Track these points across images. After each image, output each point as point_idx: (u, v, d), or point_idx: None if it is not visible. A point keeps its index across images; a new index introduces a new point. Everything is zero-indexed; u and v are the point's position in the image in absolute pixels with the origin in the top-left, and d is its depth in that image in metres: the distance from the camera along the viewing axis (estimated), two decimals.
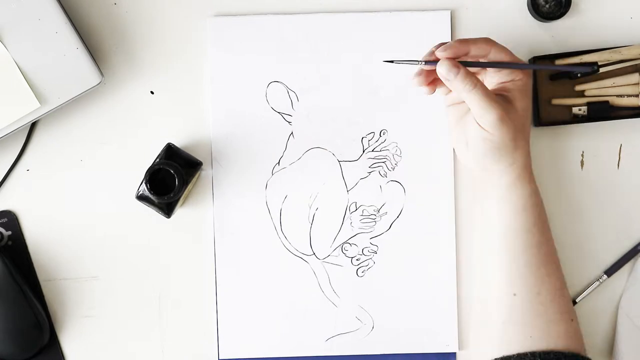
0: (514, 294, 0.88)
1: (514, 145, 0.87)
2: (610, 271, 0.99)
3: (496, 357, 0.87)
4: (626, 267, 0.99)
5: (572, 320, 0.88)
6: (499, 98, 0.87)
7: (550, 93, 0.98)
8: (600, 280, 0.98)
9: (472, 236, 0.97)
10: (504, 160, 0.88)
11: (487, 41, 0.88)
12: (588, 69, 0.91)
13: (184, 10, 0.98)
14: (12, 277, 0.95)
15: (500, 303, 0.89)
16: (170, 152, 0.93)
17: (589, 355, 0.88)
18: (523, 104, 0.88)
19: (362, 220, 0.99)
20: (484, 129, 0.86)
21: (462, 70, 0.85)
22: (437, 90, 0.89)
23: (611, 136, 0.99)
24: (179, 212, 0.97)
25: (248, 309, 0.98)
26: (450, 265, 0.98)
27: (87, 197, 0.98)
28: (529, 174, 0.89)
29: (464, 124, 0.89)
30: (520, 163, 0.88)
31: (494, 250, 0.89)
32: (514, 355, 0.86)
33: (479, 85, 0.85)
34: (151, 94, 0.99)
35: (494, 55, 0.88)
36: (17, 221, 0.98)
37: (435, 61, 0.86)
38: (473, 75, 0.85)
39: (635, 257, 0.99)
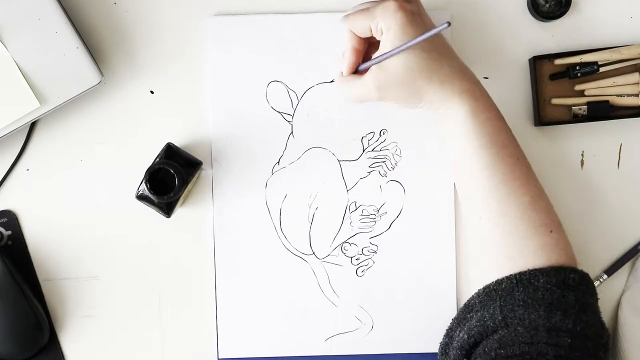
0: (480, 218, 0.87)
1: (414, 95, 0.87)
2: (611, 271, 0.99)
3: (479, 288, 0.87)
4: (626, 267, 0.99)
5: (550, 231, 0.86)
6: (369, 74, 0.88)
7: (550, 93, 0.98)
8: (601, 279, 0.98)
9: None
10: (423, 105, 0.88)
11: (344, 23, 0.90)
12: (445, 25, 0.82)
13: (184, 10, 0.98)
14: (12, 277, 0.95)
15: (472, 230, 0.89)
16: (170, 152, 0.93)
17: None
18: (393, 59, 0.86)
19: (362, 220, 0.99)
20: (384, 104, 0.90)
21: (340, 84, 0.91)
22: None
23: (611, 136, 0.99)
24: (179, 211, 0.97)
25: (248, 308, 0.98)
26: (450, 265, 0.98)
27: (87, 197, 0.98)
28: (460, 95, 0.86)
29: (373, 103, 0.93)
30: (438, 95, 0.86)
31: (457, 179, 0.90)
32: (492, 282, 0.85)
33: (345, 92, 0.91)
34: (151, 94, 0.99)
35: (358, 29, 0.89)
36: (17, 221, 0.98)
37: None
38: (339, 84, 0.91)
39: (636, 256, 0.99)
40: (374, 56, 0.89)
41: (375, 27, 0.87)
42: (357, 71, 0.91)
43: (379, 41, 0.88)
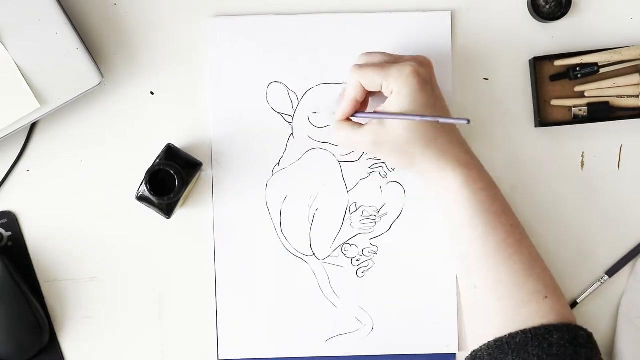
0: (474, 287, 0.88)
1: (407, 159, 0.89)
2: (611, 271, 0.99)
3: (484, 341, 0.87)
4: (627, 268, 0.99)
5: (545, 297, 0.86)
6: (369, 126, 0.90)
7: (551, 94, 0.98)
8: (601, 280, 0.98)
9: None
10: (413, 170, 0.91)
11: (352, 74, 0.91)
12: (464, 121, 0.85)
13: (184, 10, 0.98)
14: (12, 277, 0.95)
15: (465, 295, 0.90)
16: (171, 153, 0.93)
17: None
18: (395, 121, 0.88)
19: (362, 221, 0.99)
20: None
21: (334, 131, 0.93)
22: None
23: (611, 137, 0.99)
24: (179, 212, 0.97)
25: (248, 309, 0.98)
26: (450, 265, 0.98)
27: (87, 198, 0.98)
28: (456, 164, 0.88)
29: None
30: (429, 166, 0.89)
31: (451, 243, 0.92)
32: (505, 336, 0.86)
33: (339, 140, 0.94)
34: (151, 95, 0.99)
35: (368, 85, 0.90)
36: (17, 222, 0.98)
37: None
38: (335, 130, 0.93)
39: (636, 258, 0.99)
40: (379, 109, 0.90)
41: (386, 87, 0.88)
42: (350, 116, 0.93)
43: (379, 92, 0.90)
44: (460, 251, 0.90)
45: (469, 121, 0.82)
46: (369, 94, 0.93)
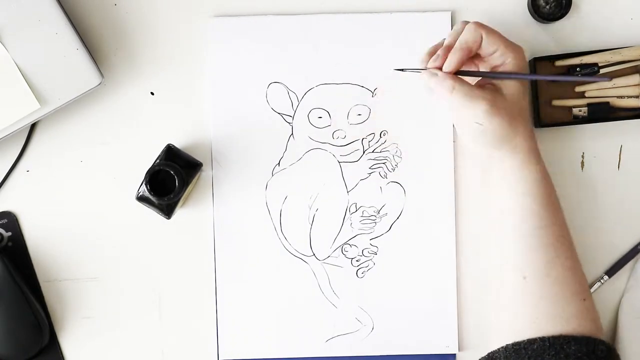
0: (524, 277, 0.88)
1: (512, 132, 0.88)
2: (611, 271, 0.99)
3: (507, 342, 0.87)
4: (627, 268, 0.99)
5: (584, 299, 0.87)
6: (486, 89, 0.88)
7: (551, 94, 0.98)
8: (602, 280, 0.98)
9: (484, 221, 0.98)
10: (505, 147, 0.89)
11: (477, 27, 0.88)
12: (595, 78, 0.89)
13: (184, 10, 0.98)
14: (12, 278, 0.95)
15: (512, 287, 0.89)
16: (171, 153, 0.93)
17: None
18: (513, 89, 0.88)
19: (362, 221, 0.99)
20: (477, 123, 0.87)
21: (439, 76, 0.88)
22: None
23: (611, 137, 0.99)
24: (179, 213, 0.97)
25: (248, 309, 0.98)
26: (450, 266, 0.98)
27: (87, 199, 0.98)
28: (534, 157, 0.89)
29: (462, 117, 0.90)
30: (523, 147, 0.88)
31: (504, 235, 0.90)
32: (524, 341, 0.85)
33: (457, 86, 0.87)
34: (151, 95, 0.99)
35: (487, 43, 0.88)
36: (17, 222, 0.98)
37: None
38: (451, 78, 0.88)
39: (636, 258, 0.99)
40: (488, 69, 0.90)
41: (500, 56, 0.88)
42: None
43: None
44: (515, 241, 0.89)
45: (610, 78, 0.87)
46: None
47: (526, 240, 0.88)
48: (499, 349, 0.87)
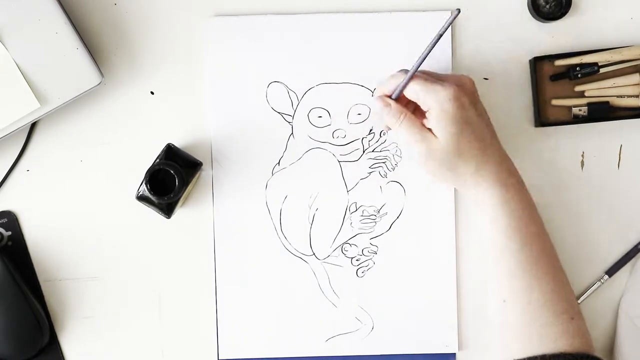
0: (504, 301, 0.89)
1: (451, 173, 0.89)
2: (611, 271, 0.99)
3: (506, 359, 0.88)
4: (627, 268, 0.99)
5: (572, 319, 0.87)
6: (425, 131, 0.89)
7: (551, 93, 0.98)
8: (602, 280, 0.98)
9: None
10: (452, 183, 0.92)
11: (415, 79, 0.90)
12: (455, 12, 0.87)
13: (184, 10, 0.98)
14: (12, 277, 0.95)
15: (494, 308, 0.90)
16: (170, 153, 0.93)
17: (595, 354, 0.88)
18: (445, 132, 0.88)
19: (362, 221, 0.99)
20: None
21: (392, 107, 0.90)
22: None
23: (611, 137, 0.99)
24: (179, 212, 0.97)
25: (248, 309, 0.98)
26: (450, 265, 0.98)
27: (87, 198, 0.98)
28: (491, 185, 0.89)
29: (405, 150, 0.95)
30: (472, 181, 0.89)
31: (486, 257, 0.91)
32: (524, 358, 0.86)
33: (404, 121, 0.89)
34: (151, 95, 0.99)
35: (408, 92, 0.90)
36: (17, 221, 0.98)
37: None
38: (401, 111, 0.90)
39: (636, 257, 0.99)
40: (425, 121, 0.90)
41: (424, 103, 0.89)
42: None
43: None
44: (493, 266, 0.90)
45: (459, 10, 0.86)
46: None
47: (503, 264, 0.89)
48: None
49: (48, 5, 0.93)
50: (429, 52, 0.88)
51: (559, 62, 0.97)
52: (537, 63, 0.97)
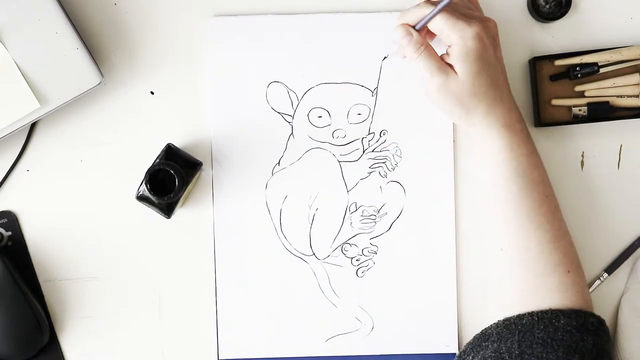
0: (501, 249, 0.89)
1: (464, 111, 0.89)
2: (611, 269, 0.99)
3: (498, 318, 0.88)
4: (627, 268, 0.99)
5: (568, 272, 0.87)
6: (444, 65, 0.89)
7: (550, 93, 0.98)
8: (601, 278, 0.98)
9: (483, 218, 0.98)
10: (460, 120, 0.90)
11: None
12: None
13: (184, 10, 0.98)
14: (12, 277, 0.95)
15: (492, 259, 0.91)
16: (170, 153, 0.93)
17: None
18: (464, 69, 0.88)
19: (362, 221, 0.99)
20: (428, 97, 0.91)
21: (414, 37, 0.89)
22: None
23: (611, 136, 0.99)
24: (179, 212, 0.97)
25: (248, 309, 0.98)
26: (450, 265, 0.98)
27: (87, 198, 0.98)
28: (497, 129, 0.89)
29: (421, 82, 0.92)
30: (482, 122, 0.89)
31: (485, 203, 0.91)
32: (513, 316, 0.86)
33: (424, 52, 0.89)
34: (151, 95, 0.99)
35: (434, 23, 0.89)
36: (17, 221, 0.98)
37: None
38: (421, 42, 0.89)
39: (636, 257, 0.99)
40: (444, 55, 0.90)
41: (446, 37, 0.88)
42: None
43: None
44: (493, 212, 0.90)
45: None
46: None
47: (502, 211, 0.88)
48: (491, 325, 0.88)
49: (48, 5, 0.93)
50: None
51: (559, 62, 0.97)
52: (537, 63, 0.97)
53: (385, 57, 0.95)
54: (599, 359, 0.84)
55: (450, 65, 0.88)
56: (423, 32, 0.90)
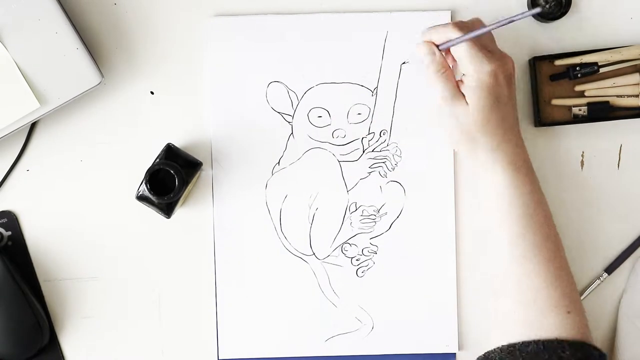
0: (501, 288, 0.89)
1: (470, 143, 0.89)
2: (611, 268, 0.99)
3: (502, 343, 0.87)
4: (627, 268, 0.99)
5: (568, 312, 0.87)
6: (459, 93, 0.89)
7: (550, 93, 0.98)
8: (601, 278, 0.98)
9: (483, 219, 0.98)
10: (466, 152, 0.91)
11: (478, 21, 0.91)
12: (537, 9, 0.88)
13: (184, 10, 0.98)
14: (12, 277, 0.95)
15: (494, 296, 0.90)
16: (170, 153, 0.93)
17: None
18: (475, 101, 0.88)
19: (362, 221, 0.99)
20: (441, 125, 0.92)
21: (437, 57, 0.89)
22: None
23: (611, 136, 0.99)
24: (179, 212, 0.97)
25: (248, 309, 0.98)
26: (450, 265, 0.98)
27: (87, 198, 0.98)
28: (507, 163, 0.89)
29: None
30: (487, 157, 0.89)
31: (487, 234, 0.91)
32: (518, 343, 0.86)
33: (443, 75, 0.89)
34: (151, 95, 0.99)
35: (455, 50, 0.89)
36: (17, 221, 0.98)
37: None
38: (444, 65, 0.89)
39: (637, 257, 0.99)
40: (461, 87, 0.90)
41: (464, 67, 0.88)
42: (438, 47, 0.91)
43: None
44: (495, 247, 0.90)
45: (541, 9, 0.86)
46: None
47: (504, 248, 0.89)
48: (494, 349, 0.88)
49: (48, 5, 0.93)
50: (503, 24, 0.87)
51: (559, 62, 0.97)
52: (537, 63, 0.97)
53: (404, 62, 0.96)
54: None
55: (463, 95, 0.89)
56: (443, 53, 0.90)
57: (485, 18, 0.98)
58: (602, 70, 0.97)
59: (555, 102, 0.98)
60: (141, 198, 0.92)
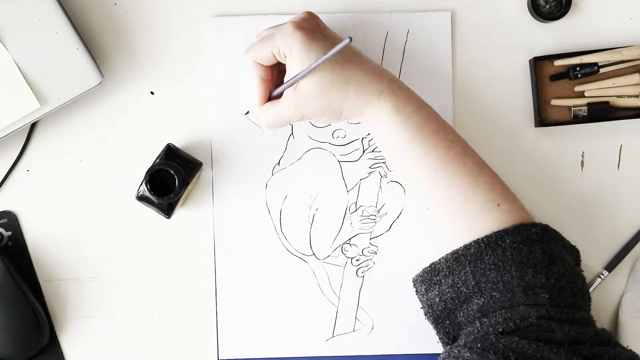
0: (428, 208, 0.88)
1: (334, 110, 0.88)
2: (610, 266, 0.99)
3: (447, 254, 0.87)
4: (627, 268, 0.99)
5: (498, 205, 0.86)
6: (284, 97, 0.90)
7: (551, 94, 0.98)
8: (601, 276, 0.98)
9: None
10: (347, 117, 0.90)
11: (259, 46, 0.91)
12: (346, 41, 0.85)
13: (183, 10, 0.98)
14: (12, 277, 0.95)
15: (422, 220, 0.90)
16: (170, 153, 0.93)
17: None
18: (306, 83, 0.87)
19: (362, 221, 0.99)
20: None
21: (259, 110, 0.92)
22: None
23: (611, 137, 0.99)
24: (179, 212, 0.97)
25: (248, 309, 0.98)
26: None
27: (87, 198, 0.98)
28: (377, 99, 0.87)
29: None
30: (354, 105, 0.88)
31: (396, 176, 0.93)
32: (460, 248, 0.86)
33: (264, 114, 0.91)
34: (151, 95, 0.99)
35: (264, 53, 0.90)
36: (17, 221, 0.98)
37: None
38: (260, 112, 0.92)
39: (636, 257, 0.99)
40: (285, 79, 0.89)
41: (277, 52, 0.89)
42: (270, 98, 0.92)
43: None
44: (407, 178, 0.90)
45: (351, 39, 0.82)
46: (274, 71, 0.92)
47: (414, 173, 0.88)
48: (439, 260, 0.88)
49: (48, 5, 0.93)
50: (303, 73, 0.87)
51: (559, 62, 0.98)
52: (537, 63, 0.97)
53: (247, 113, 0.98)
54: (552, 265, 0.84)
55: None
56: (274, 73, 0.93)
57: (485, 18, 0.98)
58: (602, 70, 0.97)
59: (555, 102, 0.98)
60: (141, 198, 0.92)
